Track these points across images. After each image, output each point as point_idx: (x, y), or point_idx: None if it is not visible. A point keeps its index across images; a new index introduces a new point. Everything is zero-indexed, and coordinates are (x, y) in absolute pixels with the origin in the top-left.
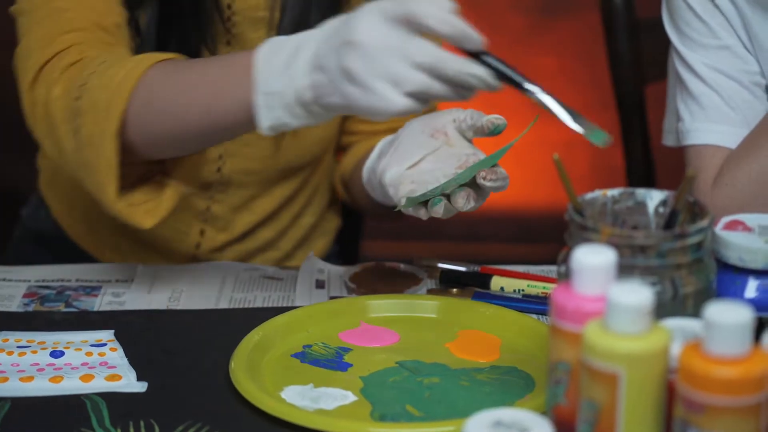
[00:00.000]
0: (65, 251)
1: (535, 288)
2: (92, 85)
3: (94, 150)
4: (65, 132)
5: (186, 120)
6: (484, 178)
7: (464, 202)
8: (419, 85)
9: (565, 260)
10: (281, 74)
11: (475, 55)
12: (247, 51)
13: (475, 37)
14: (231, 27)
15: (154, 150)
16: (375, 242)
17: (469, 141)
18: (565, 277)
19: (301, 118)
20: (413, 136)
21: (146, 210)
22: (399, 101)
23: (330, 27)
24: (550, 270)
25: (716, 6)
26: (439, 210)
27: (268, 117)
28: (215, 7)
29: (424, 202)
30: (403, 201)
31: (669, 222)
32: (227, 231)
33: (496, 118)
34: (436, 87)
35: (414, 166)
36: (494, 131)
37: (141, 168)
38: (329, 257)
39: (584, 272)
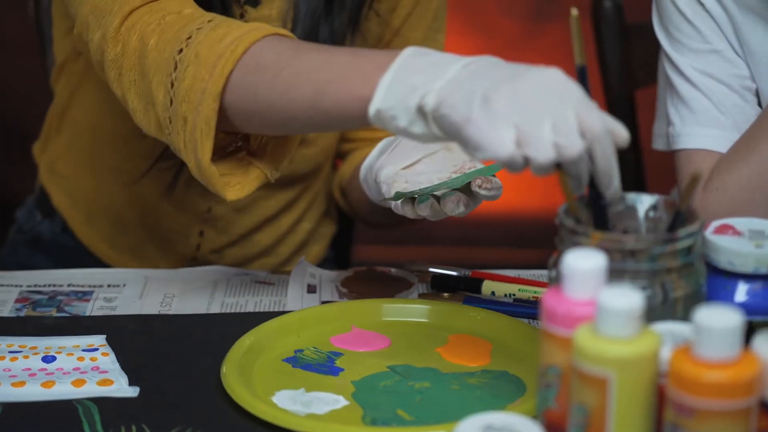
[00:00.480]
0: (60, 254)
1: (526, 292)
2: (199, 40)
3: (192, 106)
4: (158, 83)
5: (291, 96)
6: (480, 186)
7: (453, 206)
8: (542, 158)
9: (556, 264)
10: (422, 70)
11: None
12: (385, 50)
13: (615, 187)
14: None
15: (247, 121)
16: (366, 247)
17: None
18: (555, 281)
19: (408, 121)
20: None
21: (226, 182)
22: (507, 150)
23: (498, 60)
24: (542, 274)
25: (706, 10)
26: (424, 209)
27: (384, 101)
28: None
29: (413, 199)
30: (393, 193)
31: (673, 224)
32: (226, 233)
33: None
34: (546, 170)
35: (410, 166)
36: None
37: (221, 141)
38: (325, 263)
39: (574, 276)
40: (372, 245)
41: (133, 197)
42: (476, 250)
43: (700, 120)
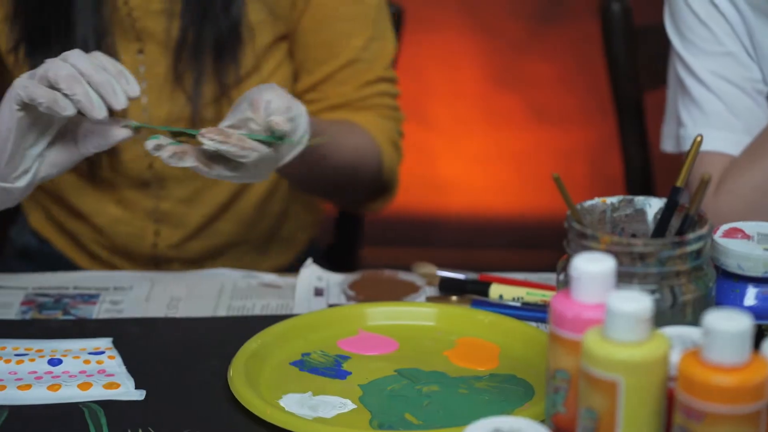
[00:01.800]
0: (48, 263)
1: (535, 296)
2: None
3: None
4: None
5: None
6: (203, 135)
7: (153, 145)
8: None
9: (564, 268)
10: None
11: None
12: None
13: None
14: (134, 22)
15: None
16: (373, 249)
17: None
18: (564, 285)
19: None
20: (241, 101)
21: None
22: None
23: None
24: (550, 278)
25: (720, 12)
26: (148, 144)
27: None
28: (110, 7)
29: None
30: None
31: (682, 227)
32: (182, 227)
33: (276, 123)
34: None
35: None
36: (273, 134)
37: None
38: (319, 256)
39: (583, 280)
40: (379, 247)
41: (72, 205)
42: (484, 252)
43: (712, 122)
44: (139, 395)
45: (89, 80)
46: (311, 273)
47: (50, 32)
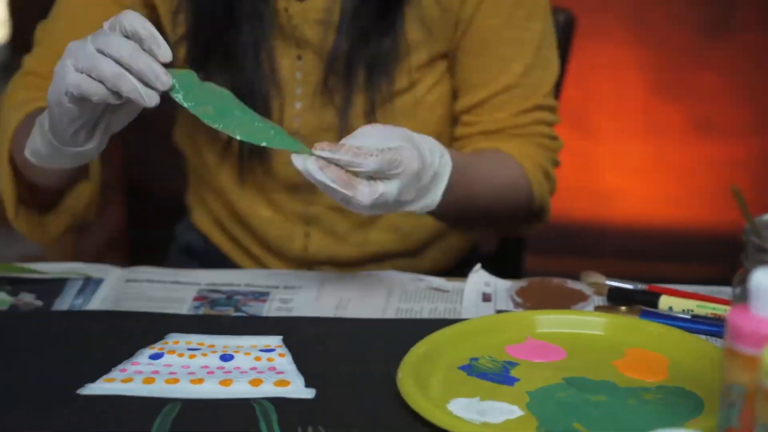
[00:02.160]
0: (208, 259)
1: (705, 308)
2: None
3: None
4: None
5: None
6: (315, 149)
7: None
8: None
9: (742, 282)
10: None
11: None
12: None
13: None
14: (293, 29)
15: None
16: (538, 257)
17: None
18: (740, 298)
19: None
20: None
21: (30, 228)
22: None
23: None
24: (719, 291)
25: None
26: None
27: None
28: (271, 11)
29: None
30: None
31: None
32: (331, 233)
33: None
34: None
35: None
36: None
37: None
38: (482, 262)
39: (763, 294)
40: (544, 256)
41: (230, 204)
42: (645, 264)
43: None
44: (310, 393)
45: (130, 70)
46: (479, 278)
47: (214, 31)
